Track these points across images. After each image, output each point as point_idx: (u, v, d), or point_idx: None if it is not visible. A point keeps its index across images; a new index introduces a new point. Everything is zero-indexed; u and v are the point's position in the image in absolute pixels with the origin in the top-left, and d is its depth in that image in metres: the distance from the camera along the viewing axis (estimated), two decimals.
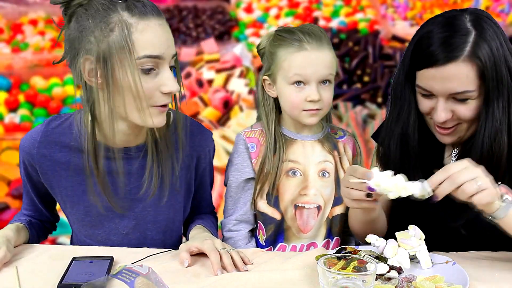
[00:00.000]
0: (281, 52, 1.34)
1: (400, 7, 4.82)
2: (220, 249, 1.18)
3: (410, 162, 1.28)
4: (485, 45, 1.13)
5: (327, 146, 1.41)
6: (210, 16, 4.67)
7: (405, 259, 1.14)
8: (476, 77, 1.14)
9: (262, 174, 1.38)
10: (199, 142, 1.36)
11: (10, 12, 4.96)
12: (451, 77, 1.14)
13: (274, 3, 4.90)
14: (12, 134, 3.74)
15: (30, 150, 1.27)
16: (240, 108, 3.73)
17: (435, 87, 1.17)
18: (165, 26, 1.16)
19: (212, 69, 4.15)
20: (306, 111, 1.34)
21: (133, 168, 1.28)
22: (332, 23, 4.72)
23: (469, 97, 1.16)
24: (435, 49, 1.15)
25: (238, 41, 4.40)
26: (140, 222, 1.33)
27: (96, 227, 1.32)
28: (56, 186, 1.30)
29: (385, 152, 1.33)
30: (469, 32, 1.14)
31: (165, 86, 1.15)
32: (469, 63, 1.13)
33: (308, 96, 1.32)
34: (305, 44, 1.31)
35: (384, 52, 4.37)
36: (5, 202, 3.14)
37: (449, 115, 1.19)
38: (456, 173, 1.04)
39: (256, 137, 1.41)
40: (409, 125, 1.26)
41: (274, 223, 1.40)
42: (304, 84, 1.32)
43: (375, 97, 3.97)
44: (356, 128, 3.53)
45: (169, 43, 1.15)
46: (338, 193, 1.41)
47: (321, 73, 1.32)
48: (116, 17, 1.11)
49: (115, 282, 1.01)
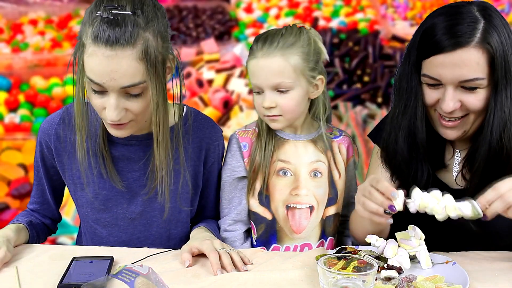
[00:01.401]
0: (247, 59, 1.35)
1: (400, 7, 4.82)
2: (219, 249, 1.19)
3: (418, 155, 1.24)
4: (494, 33, 1.11)
5: (321, 146, 1.40)
6: (210, 16, 4.68)
7: (405, 259, 1.14)
8: (486, 65, 1.12)
9: (252, 172, 1.38)
10: (209, 134, 1.39)
11: (10, 12, 4.96)
12: (461, 63, 1.11)
13: (274, 3, 4.91)
14: (12, 134, 3.74)
15: (48, 131, 1.33)
16: (240, 108, 3.73)
17: (444, 74, 1.13)
18: (114, 58, 1.11)
19: (212, 69, 4.16)
20: (265, 116, 1.34)
21: (142, 155, 1.31)
22: (332, 23, 4.72)
23: (479, 85, 1.13)
24: (443, 36, 1.12)
25: (238, 41, 4.40)
26: (147, 208, 1.35)
27: (105, 211, 1.34)
28: (68, 168, 1.33)
29: (389, 147, 1.29)
30: (478, 19, 1.12)
31: (106, 111, 1.16)
32: (480, 49, 1.11)
33: (262, 103, 1.32)
34: (256, 51, 1.31)
35: (384, 52, 4.37)
36: (5, 202, 3.14)
37: (457, 105, 1.15)
38: (507, 192, 1.02)
39: (249, 137, 1.41)
40: (416, 117, 1.22)
41: (265, 222, 1.39)
42: (261, 91, 1.33)
43: (375, 97, 3.97)
44: (356, 128, 3.53)
45: (115, 75, 1.12)
46: (331, 194, 1.40)
47: (271, 81, 1.29)
48: (85, 32, 1.14)
49: (115, 282, 1.01)
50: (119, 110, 1.16)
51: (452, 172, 1.29)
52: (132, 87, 1.14)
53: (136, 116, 1.20)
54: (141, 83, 1.14)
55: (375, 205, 1.09)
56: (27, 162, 3.36)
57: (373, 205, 1.09)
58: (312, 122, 1.43)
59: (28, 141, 3.61)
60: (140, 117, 1.21)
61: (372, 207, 1.09)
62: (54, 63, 4.46)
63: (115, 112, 1.15)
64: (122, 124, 1.20)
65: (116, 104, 1.15)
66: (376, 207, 1.09)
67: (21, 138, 3.68)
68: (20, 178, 3.29)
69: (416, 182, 1.20)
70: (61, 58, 4.47)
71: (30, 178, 3.23)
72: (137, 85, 1.14)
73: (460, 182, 1.27)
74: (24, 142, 3.62)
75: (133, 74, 1.13)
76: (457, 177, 1.28)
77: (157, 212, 1.35)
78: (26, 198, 3.23)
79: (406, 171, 1.26)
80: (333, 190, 1.41)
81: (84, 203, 1.35)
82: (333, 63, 4.25)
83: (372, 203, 1.09)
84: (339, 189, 1.42)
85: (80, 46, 1.15)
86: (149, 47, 1.14)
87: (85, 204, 1.35)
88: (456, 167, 1.28)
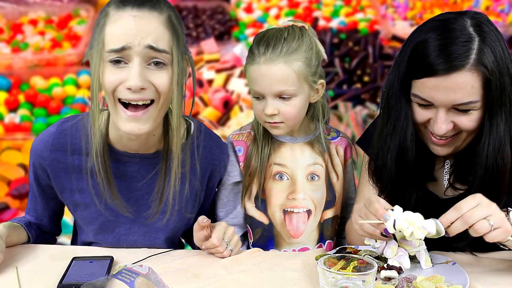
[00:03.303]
0: (246, 62, 1.32)
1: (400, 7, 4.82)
2: (224, 240, 1.20)
3: (407, 177, 1.21)
4: (489, 52, 1.06)
5: (318, 148, 1.38)
6: (210, 16, 4.68)
7: (405, 259, 1.14)
8: (481, 87, 1.07)
9: (248, 176, 1.36)
10: (217, 155, 1.35)
11: (10, 12, 4.96)
12: (455, 87, 1.07)
13: (274, 3, 4.91)
14: (12, 134, 3.74)
15: (42, 153, 1.26)
16: (240, 108, 3.73)
17: (437, 97, 1.09)
18: (142, 19, 1.10)
19: (212, 69, 4.16)
20: (266, 123, 1.32)
21: (146, 175, 1.26)
22: (332, 23, 4.72)
23: (472, 108, 1.09)
24: (436, 58, 1.07)
25: (238, 41, 4.40)
26: (150, 229, 1.32)
27: (107, 231, 1.31)
28: (67, 188, 1.28)
29: (377, 167, 1.25)
30: (472, 37, 1.07)
31: (127, 81, 1.10)
32: (475, 72, 1.06)
33: (263, 110, 1.29)
34: (257, 57, 1.26)
35: (384, 52, 4.37)
36: (5, 202, 3.14)
37: (450, 126, 1.12)
38: (468, 212, 1.01)
39: (244, 140, 1.39)
40: (406, 138, 1.17)
41: (262, 227, 1.38)
42: (262, 98, 1.30)
43: (375, 97, 3.96)
44: (356, 128, 3.53)
45: (142, 34, 1.09)
46: (329, 196, 1.38)
47: (274, 88, 1.26)
48: (105, 9, 1.13)
49: (115, 282, 1.01)
50: (142, 77, 1.09)
51: (442, 182, 1.27)
52: (157, 52, 1.10)
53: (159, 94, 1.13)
54: (166, 52, 1.11)
55: (372, 228, 1.09)
56: (27, 162, 3.36)
57: (370, 228, 1.09)
58: (309, 124, 1.41)
59: (28, 141, 3.61)
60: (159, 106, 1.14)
61: (369, 229, 1.09)
62: (54, 63, 4.46)
63: (139, 78, 1.08)
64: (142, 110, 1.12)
65: (140, 70, 1.09)
66: (372, 229, 1.09)
67: (21, 138, 3.68)
68: (20, 178, 3.29)
69: (404, 202, 1.17)
70: (61, 58, 4.47)
71: None
72: (162, 52, 1.11)
73: (450, 191, 1.25)
74: (24, 142, 3.62)
75: (160, 38, 1.11)
76: (446, 186, 1.26)
77: (160, 233, 1.32)
78: (26, 198, 3.23)
79: (395, 192, 1.24)
80: (331, 193, 1.39)
81: (85, 222, 1.32)
82: (333, 63, 4.25)
83: (369, 226, 1.09)
84: (337, 191, 1.40)
85: (102, 17, 1.12)
86: (174, 19, 1.14)
87: (86, 223, 1.32)
88: (446, 177, 1.26)
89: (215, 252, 1.21)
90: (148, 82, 1.11)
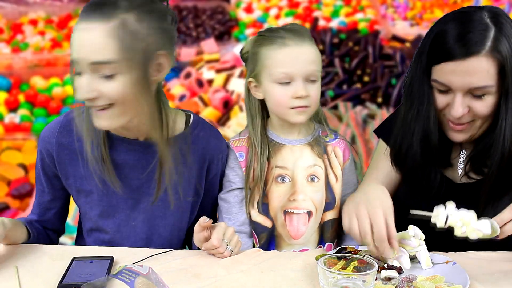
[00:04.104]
0: (264, 50, 1.31)
1: (400, 7, 4.83)
2: (224, 241, 1.20)
3: (431, 158, 1.26)
4: (505, 41, 1.13)
5: (317, 149, 1.38)
6: (210, 16, 4.69)
7: (405, 259, 1.14)
8: (496, 73, 1.14)
9: (249, 182, 1.36)
10: (214, 145, 1.36)
11: (10, 12, 4.97)
12: (472, 71, 1.13)
13: (274, 3, 4.91)
14: (12, 134, 3.74)
15: (49, 139, 1.30)
16: (240, 108, 3.73)
17: (454, 81, 1.16)
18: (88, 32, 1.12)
19: (212, 69, 4.16)
20: (293, 108, 1.31)
21: (145, 163, 1.29)
22: (332, 23, 4.73)
23: (488, 92, 1.15)
24: (455, 44, 1.14)
25: (238, 41, 4.41)
26: (150, 216, 1.34)
27: (108, 217, 1.33)
28: (71, 175, 1.31)
29: (400, 152, 1.30)
30: (489, 27, 1.14)
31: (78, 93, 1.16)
32: (490, 58, 1.12)
33: (295, 93, 1.29)
34: (287, 40, 1.29)
35: (384, 52, 4.37)
36: (5, 202, 3.14)
37: (466, 110, 1.18)
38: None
39: (244, 145, 1.38)
40: (430, 121, 1.24)
41: (267, 231, 1.37)
42: (290, 81, 1.30)
43: (375, 97, 3.97)
44: (356, 128, 3.53)
45: (85, 49, 1.13)
46: (328, 198, 1.38)
47: (306, 69, 1.29)
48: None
49: (115, 282, 1.01)
50: (91, 89, 1.13)
51: (457, 169, 1.31)
52: (101, 65, 1.12)
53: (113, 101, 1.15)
54: (111, 62, 1.12)
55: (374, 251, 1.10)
56: (27, 162, 3.36)
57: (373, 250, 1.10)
58: (309, 124, 1.41)
59: (28, 141, 3.61)
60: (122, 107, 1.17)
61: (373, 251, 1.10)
62: (54, 63, 4.47)
63: (86, 90, 1.13)
64: (104, 110, 1.17)
65: (88, 82, 1.13)
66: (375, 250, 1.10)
67: (21, 138, 3.69)
68: (20, 178, 3.29)
69: (429, 185, 1.24)
70: (61, 58, 4.48)
71: (30, 178, 3.24)
72: (107, 63, 1.12)
73: (464, 179, 1.30)
74: (24, 142, 3.63)
75: (102, 49, 1.12)
76: (461, 174, 1.30)
77: (158, 220, 1.34)
78: (26, 198, 3.24)
79: (420, 174, 1.28)
80: (330, 195, 1.38)
81: (88, 209, 1.34)
82: (333, 63, 4.26)
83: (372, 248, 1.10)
84: (337, 193, 1.39)
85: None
86: (126, 27, 1.13)
87: (88, 210, 1.34)
88: (461, 165, 1.30)
89: (216, 253, 1.22)
90: (98, 91, 1.14)
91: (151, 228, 1.34)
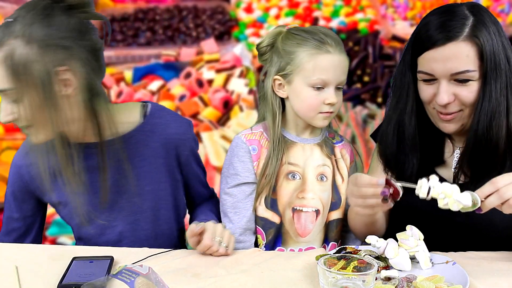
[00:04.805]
0: (302, 52, 1.32)
1: (400, 7, 4.83)
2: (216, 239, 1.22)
3: (405, 148, 1.29)
4: (483, 28, 1.17)
5: (326, 150, 1.41)
6: (210, 16, 4.68)
7: (405, 259, 1.14)
8: (476, 57, 1.17)
9: (264, 177, 1.36)
10: (175, 130, 1.37)
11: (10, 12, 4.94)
12: (452, 56, 1.17)
13: (274, 3, 4.91)
14: (12, 134, 3.73)
15: (19, 162, 1.34)
16: (240, 108, 3.73)
17: (436, 68, 1.19)
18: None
19: (212, 69, 4.15)
20: (322, 113, 1.34)
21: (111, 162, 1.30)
22: (332, 23, 4.72)
23: (470, 77, 1.18)
24: (434, 32, 1.19)
25: (238, 41, 4.40)
26: (128, 213, 1.35)
27: (89, 223, 1.34)
28: (46, 191, 1.34)
29: (381, 141, 1.35)
30: (468, 16, 1.18)
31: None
32: (469, 43, 1.16)
33: (326, 99, 1.32)
34: (328, 46, 1.31)
35: (384, 52, 4.36)
36: None
37: (451, 98, 1.20)
38: (504, 187, 1.04)
39: (257, 139, 1.39)
40: (405, 112, 1.28)
41: (274, 227, 1.38)
42: (323, 87, 1.32)
43: (375, 97, 3.96)
44: (356, 128, 3.53)
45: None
46: (334, 198, 1.40)
47: (340, 78, 1.34)
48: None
49: (115, 282, 1.01)
50: (7, 113, 1.18)
51: (451, 168, 1.31)
52: (4, 92, 1.16)
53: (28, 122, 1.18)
54: (7, 90, 1.15)
55: (373, 199, 1.12)
56: None
57: (370, 200, 1.13)
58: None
59: None
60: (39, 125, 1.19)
61: (370, 202, 1.13)
62: None
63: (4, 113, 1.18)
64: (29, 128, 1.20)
65: (4, 106, 1.18)
66: (374, 200, 1.12)
67: (21, 138, 3.67)
68: None
69: (403, 174, 1.28)
70: None
71: None
72: (6, 90, 1.16)
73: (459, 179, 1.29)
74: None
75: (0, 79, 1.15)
76: (456, 173, 1.29)
77: (138, 215, 1.36)
78: None
79: (394, 163, 1.32)
80: (336, 195, 1.40)
81: (69, 219, 1.38)
82: None
83: (368, 200, 1.13)
84: (342, 193, 1.41)
85: None
86: (15, 53, 1.13)
87: (70, 220, 1.38)
88: (455, 164, 1.30)
89: (211, 252, 1.22)
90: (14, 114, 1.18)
91: (132, 223, 1.36)
